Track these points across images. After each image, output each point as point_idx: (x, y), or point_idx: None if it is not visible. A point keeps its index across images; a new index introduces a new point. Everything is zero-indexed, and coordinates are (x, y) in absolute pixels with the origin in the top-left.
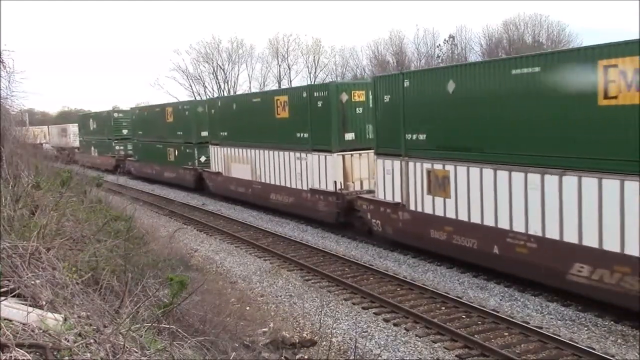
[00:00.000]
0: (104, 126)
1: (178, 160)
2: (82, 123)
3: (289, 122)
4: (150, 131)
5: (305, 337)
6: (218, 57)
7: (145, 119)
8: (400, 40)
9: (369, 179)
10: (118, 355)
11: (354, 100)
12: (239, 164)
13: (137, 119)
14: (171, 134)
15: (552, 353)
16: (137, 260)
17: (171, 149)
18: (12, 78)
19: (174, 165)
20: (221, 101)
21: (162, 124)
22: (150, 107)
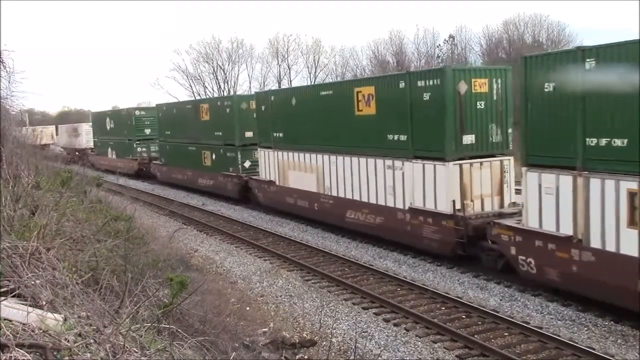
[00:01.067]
0: (123, 125)
1: (216, 165)
2: (97, 122)
3: (376, 120)
4: (180, 131)
5: (305, 337)
6: (218, 57)
7: (174, 117)
8: (400, 40)
9: (492, 197)
10: (118, 355)
11: (475, 92)
12: (299, 172)
13: (164, 117)
14: (207, 134)
15: (552, 353)
16: (137, 260)
17: (207, 151)
18: (12, 78)
19: (211, 171)
20: (275, 95)
21: (196, 122)
22: (180, 103)
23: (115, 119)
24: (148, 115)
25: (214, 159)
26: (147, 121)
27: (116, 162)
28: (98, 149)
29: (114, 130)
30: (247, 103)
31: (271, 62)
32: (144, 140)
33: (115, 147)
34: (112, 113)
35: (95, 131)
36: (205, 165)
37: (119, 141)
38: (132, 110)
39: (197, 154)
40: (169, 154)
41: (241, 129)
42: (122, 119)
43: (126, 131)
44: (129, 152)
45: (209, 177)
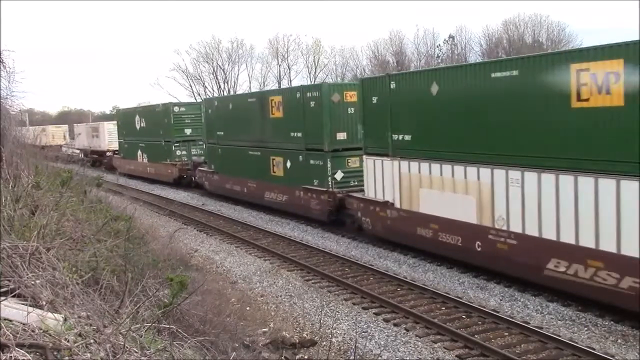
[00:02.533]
0: (158, 124)
1: (292, 175)
2: (123, 120)
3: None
4: (238, 131)
5: (305, 337)
6: (218, 57)
7: (230, 114)
8: (400, 40)
9: None
10: (118, 355)
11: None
12: (443, 191)
13: (215, 113)
14: (279, 135)
15: (552, 353)
16: (137, 260)
17: (278, 158)
18: (12, 78)
19: (283, 184)
20: (399, 80)
21: (262, 120)
22: (238, 97)
23: (147, 117)
24: (189, 111)
25: (288, 167)
26: (187, 119)
27: (148, 167)
28: (124, 151)
29: (145, 130)
30: (340, 94)
31: (271, 62)
32: (183, 141)
33: (146, 150)
34: (143, 110)
35: (120, 131)
36: (275, 176)
37: (152, 143)
38: (169, 106)
39: (262, 161)
40: (222, 159)
41: (332, 129)
42: (157, 116)
43: (162, 131)
44: (166, 156)
45: (281, 191)
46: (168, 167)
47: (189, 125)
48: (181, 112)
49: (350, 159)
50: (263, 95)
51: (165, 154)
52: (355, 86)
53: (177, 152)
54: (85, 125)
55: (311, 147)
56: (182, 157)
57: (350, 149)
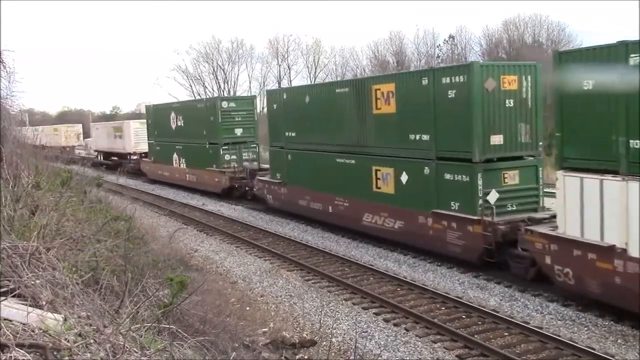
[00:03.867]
0: (201, 123)
1: (409, 193)
2: (154, 118)
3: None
4: (319, 131)
5: (305, 337)
6: (218, 57)
7: (306, 110)
8: (400, 40)
9: None
10: (118, 355)
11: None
12: None
13: (283, 109)
14: (388, 137)
15: (552, 353)
16: (137, 260)
17: (386, 168)
18: (12, 78)
19: (395, 205)
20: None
21: (358, 117)
22: (319, 87)
23: (186, 114)
24: (240, 107)
25: (404, 182)
26: (237, 116)
27: (187, 175)
28: (155, 154)
29: (183, 129)
30: (495, 79)
31: (271, 62)
32: (233, 144)
33: (185, 153)
34: (181, 106)
35: (151, 131)
36: (380, 193)
37: (192, 145)
38: (216, 102)
39: (359, 172)
40: (294, 167)
41: (485, 131)
42: (199, 113)
43: (206, 131)
44: (211, 161)
45: (392, 215)
46: (215, 174)
47: (239, 124)
48: (230, 108)
49: (508, 172)
50: (361, 84)
51: (211, 158)
52: (517, 69)
53: (226, 157)
54: (105, 124)
55: (447, 155)
56: (231, 162)
57: (507, 158)
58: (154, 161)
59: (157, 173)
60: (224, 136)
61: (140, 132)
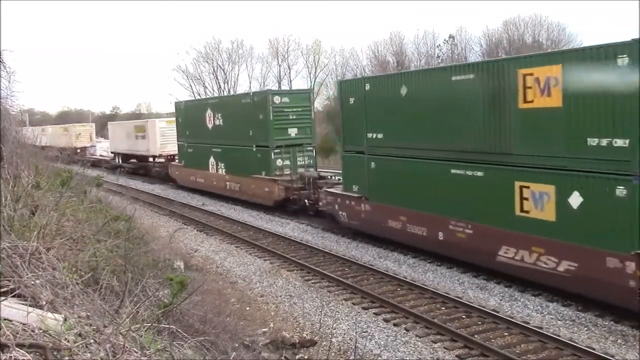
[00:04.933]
0: (246, 121)
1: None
2: (186, 117)
3: None
4: (421, 131)
5: (305, 337)
6: (218, 57)
7: (402, 103)
8: (401, 40)
9: None
10: (118, 355)
11: None
12: None
13: (364, 102)
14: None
15: (552, 353)
16: (137, 260)
17: (540, 186)
18: (12, 78)
19: (558, 237)
20: None
21: (492, 113)
22: (421, 74)
23: (226, 111)
24: (294, 103)
25: (576, 206)
26: (292, 114)
27: (228, 183)
28: (186, 158)
29: (222, 129)
30: None
31: (271, 62)
32: (287, 146)
33: (224, 157)
34: (220, 102)
35: (181, 130)
36: (530, 219)
37: (233, 147)
38: (267, 96)
39: (490, 187)
40: (379, 177)
41: None
42: (244, 110)
43: (252, 131)
44: (259, 167)
45: (554, 252)
46: (264, 183)
47: (294, 122)
48: (283, 104)
49: None
50: (499, 68)
51: (259, 164)
52: None
53: (278, 162)
54: (125, 124)
55: None
56: (284, 169)
57: None
58: (185, 165)
59: (189, 179)
60: (276, 137)
61: (167, 132)
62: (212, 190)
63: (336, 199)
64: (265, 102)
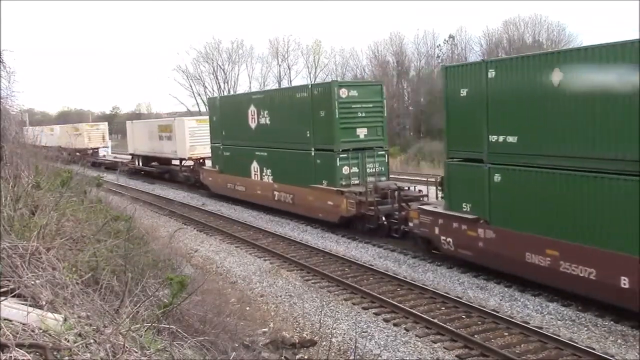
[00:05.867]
0: (301, 119)
1: None
2: (223, 114)
3: None
4: None
5: (305, 337)
6: (218, 57)
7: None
8: (401, 40)
9: None
10: (118, 355)
11: None
12: None
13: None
14: None
15: (552, 353)
16: (137, 260)
17: None
18: (12, 78)
19: None
20: None
21: None
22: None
23: (275, 107)
24: (363, 97)
25: None
26: (361, 111)
27: (277, 193)
28: (223, 162)
29: (270, 129)
30: None
31: (271, 62)
32: (354, 150)
33: (272, 162)
34: (266, 96)
35: (216, 130)
36: None
37: (284, 151)
38: (332, 88)
39: None
40: (517, 194)
41: None
42: (300, 106)
43: (310, 131)
44: (320, 176)
45: None
46: (328, 195)
47: (363, 121)
48: (351, 98)
49: None
50: None
51: (319, 171)
52: None
53: (344, 170)
54: (147, 122)
55: None
56: (350, 177)
57: None
58: (220, 171)
59: (226, 187)
60: (343, 139)
61: (197, 132)
62: (255, 200)
63: (436, 220)
64: (329, 96)
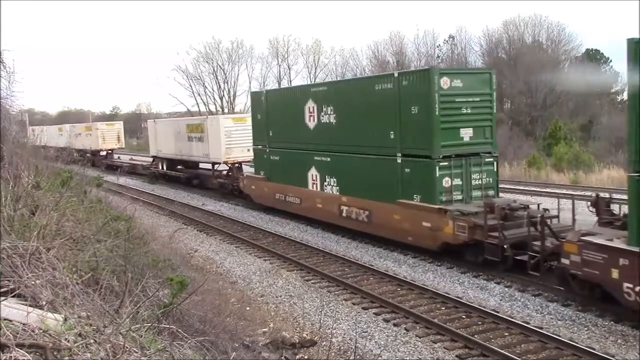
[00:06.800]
0: (381, 116)
1: None
2: (271, 111)
3: None
4: None
5: (305, 337)
6: (218, 57)
7: None
8: (400, 40)
9: None
10: (118, 355)
11: None
12: None
13: None
14: None
15: (552, 353)
16: (137, 260)
17: None
18: (12, 78)
19: None
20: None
21: None
22: None
23: (344, 102)
24: (469, 89)
25: None
26: (466, 106)
27: (344, 207)
28: (271, 168)
29: (335, 128)
30: None
31: (271, 62)
32: (457, 156)
33: (336, 170)
34: (331, 89)
35: (260, 130)
36: None
37: (355, 156)
38: (430, 76)
39: None
40: None
41: None
42: (381, 100)
43: (396, 132)
44: (408, 189)
45: None
46: (423, 214)
47: (468, 119)
48: (454, 89)
49: None
50: None
51: (410, 183)
52: None
53: (444, 182)
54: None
55: None
56: (452, 191)
57: None
58: (268, 178)
59: (274, 198)
60: (444, 143)
61: (234, 132)
62: (314, 215)
63: (614, 260)
64: (426, 87)
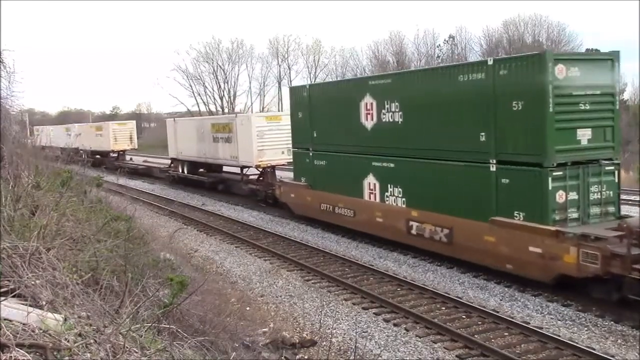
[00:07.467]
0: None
1: None
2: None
3: None
4: None
5: (305, 337)
6: (218, 57)
7: None
8: (401, 40)
9: None
10: (118, 355)
11: None
12: None
13: None
14: None
15: (552, 353)
16: (137, 260)
17: None
18: (12, 78)
19: None
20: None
21: None
22: None
23: (412, 97)
24: (588, 81)
25: None
26: (585, 102)
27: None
28: (315, 174)
29: (400, 128)
30: None
31: (271, 62)
32: (574, 164)
33: (401, 178)
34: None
35: (302, 130)
36: None
37: (430, 162)
38: (544, 63)
39: None
40: None
41: None
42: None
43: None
44: (506, 204)
45: None
46: (529, 237)
47: (586, 116)
48: (571, 79)
49: None
50: None
51: (508, 197)
52: None
53: (558, 197)
54: (196, 120)
55: None
56: (567, 209)
57: None
58: (310, 186)
59: (319, 209)
60: (558, 146)
61: (267, 132)
62: (373, 231)
63: None
64: (538, 76)
